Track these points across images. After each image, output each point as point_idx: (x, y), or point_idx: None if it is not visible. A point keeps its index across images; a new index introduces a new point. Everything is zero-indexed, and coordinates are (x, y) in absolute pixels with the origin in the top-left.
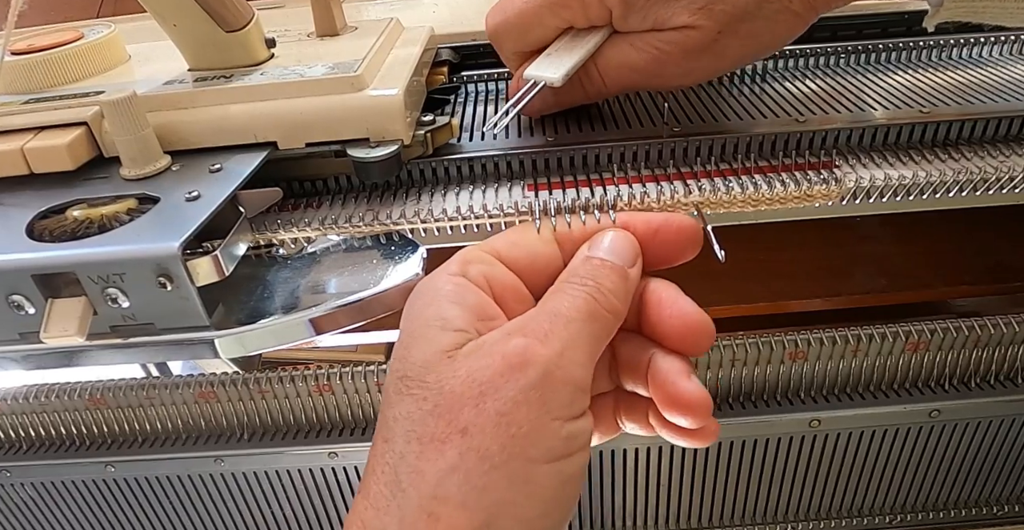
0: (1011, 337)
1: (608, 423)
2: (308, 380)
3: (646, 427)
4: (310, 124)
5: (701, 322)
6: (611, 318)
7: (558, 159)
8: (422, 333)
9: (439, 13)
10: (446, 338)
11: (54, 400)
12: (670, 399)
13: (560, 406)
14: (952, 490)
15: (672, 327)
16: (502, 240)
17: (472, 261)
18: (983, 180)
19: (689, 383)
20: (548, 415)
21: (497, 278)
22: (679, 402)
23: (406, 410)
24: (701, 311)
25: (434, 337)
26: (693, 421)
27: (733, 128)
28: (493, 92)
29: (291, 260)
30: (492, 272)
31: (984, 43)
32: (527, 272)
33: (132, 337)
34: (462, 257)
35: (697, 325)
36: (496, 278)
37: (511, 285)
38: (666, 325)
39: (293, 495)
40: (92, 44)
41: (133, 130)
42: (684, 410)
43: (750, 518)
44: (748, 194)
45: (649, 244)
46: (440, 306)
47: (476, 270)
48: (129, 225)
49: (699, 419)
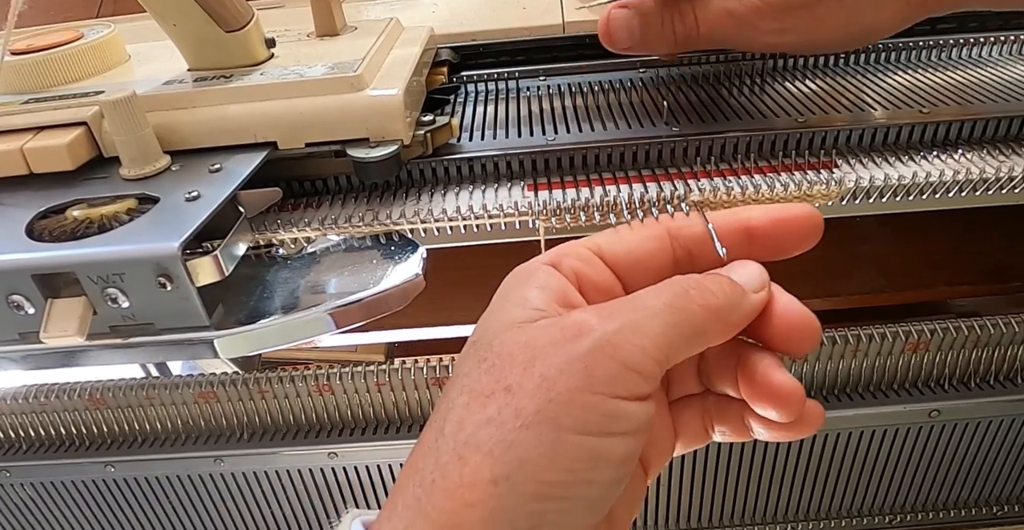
0: (1011, 337)
1: (696, 430)
2: (308, 380)
3: (738, 430)
4: (310, 124)
5: (807, 319)
6: (701, 313)
7: (558, 159)
8: (501, 306)
9: (439, 13)
10: (523, 313)
11: (54, 400)
12: (761, 392)
13: (603, 382)
14: (952, 490)
15: (777, 326)
16: (607, 234)
17: (567, 254)
18: (983, 180)
19: (779, 374)
20: (588, 388)
21: (587, 276)
22: (770, 394)
23: (467, 368)
24: (805, 308)
25: (511, 311)
26: (785, 413)
27: (733, 128)
28: (493, 92)
29: (291, 260)
30: (584, 269)
31: (984, 43)
32: (629, 267)
33: (132, 337)
34: (559, 249)
35: (803, 323)
36: (586, 276)
37: (603, 285)
38: (770, 325)
39: (293, 495)
40: (92, 44)
41: (133, 130)
42: (776, 401)
43: (750, 518)
44: (748, 194)
45: (768, 235)
46: (525, 288)
47: (568, 264)
48: (129, 225)
49: (791, 410)
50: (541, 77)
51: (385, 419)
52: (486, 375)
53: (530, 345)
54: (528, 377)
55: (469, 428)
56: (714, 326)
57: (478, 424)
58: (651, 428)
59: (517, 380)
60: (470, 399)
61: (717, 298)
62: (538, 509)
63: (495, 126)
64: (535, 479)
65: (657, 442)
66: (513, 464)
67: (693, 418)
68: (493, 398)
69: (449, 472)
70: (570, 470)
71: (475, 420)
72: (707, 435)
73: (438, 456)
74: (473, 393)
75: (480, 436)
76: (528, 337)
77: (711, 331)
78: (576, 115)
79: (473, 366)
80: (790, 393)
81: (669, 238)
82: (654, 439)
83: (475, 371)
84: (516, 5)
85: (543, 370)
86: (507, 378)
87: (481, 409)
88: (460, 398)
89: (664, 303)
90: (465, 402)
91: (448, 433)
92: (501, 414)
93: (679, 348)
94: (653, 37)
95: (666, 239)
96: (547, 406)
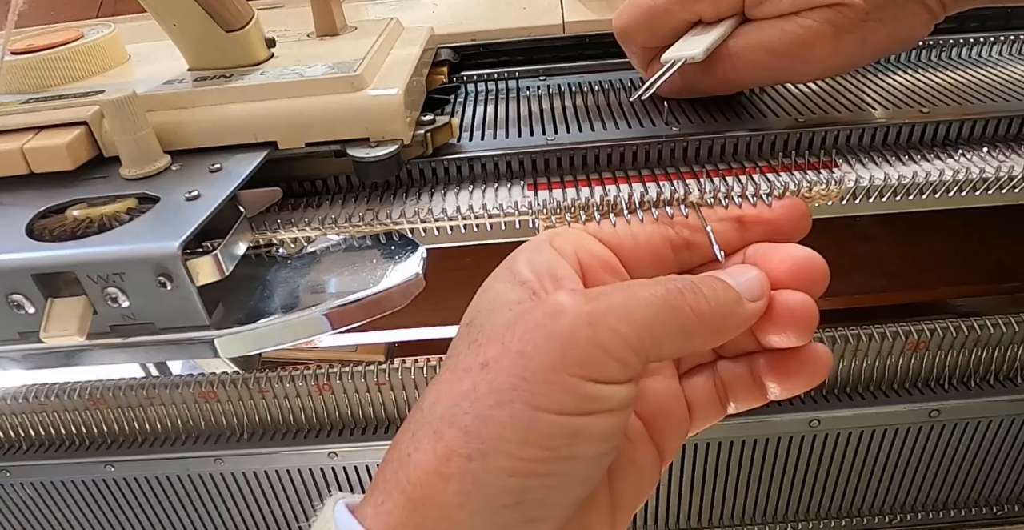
0: (1011, 337)
1: (710, 402)
2: (308, 380)
3: (751, 394)
4: (310, 124)
5: (813, 260)
6: (690, 315)
7: (558, 159)
8: (491, 285)
9: (439, 13)
10: (510, 291)
11: (54, 400)
12: (775, 314)
13: (579, 364)
14: (952, 490)
15: (783, 271)
16: (606, 221)
17: (561, 232)
18: (983, 180)
19: (789, 293)
20: (564, 369)
21: (587, 248)
22: (785, 312)
23: (458, 349)
24: (812, 251)
25: (500, 290)
26: (800, 331)
27: (733, 128)
28: (493, 92)
29: (291, 260)
30: (582, 243)
31: (984, 43)
32: (627, 251)
33: (132, 337)
34: (555, 229)
35: (809, 264)
36: (586, 248)
37: (601, 257)
38: (776, 271)
39: (293, 495)
40: (92, 44)
41: (133, 130)
42: (791, 318)
43: (750, 518)
44: (748, 194)
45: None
46: (514, 260)
47: (563, 239)
48: (129, 225)
49: (806, 326)
50: (541, 77)
51: (385, 419)
52: (468, 351)
53: (512, 322)
54: (505, 353)
55: (445, 402)
56: (702, 331)
57: (454, 398)
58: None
59: (494, 356)
60: (450, 374)
61: (708, 304)
62: (517, 485)
63: (495, 126)
64: (509, 455)
65: (671, 420)
66: (488, 441)
67: (706, 390)
68: (470, 373)
69: (424, 446)
70: (548, 447)
71: (451, 394)
72: (722, 407)
73: (415, 430)
74: (454, 369)
75: (455, 411)
76: (512, 315)
77: (698, 335)
78: (576, 115)
79: (463, 347)
80: (802, 305)
81: (665, 225)
82: (667, 418)
83: (459, 347)
84: (516, 5)
85: (520, 346)
86: (485, 354)
87: (458, 383)
88: (443, 375)
89: (654, 296)
90: (446, 378)
91: (426, 408)
92: (477, 389)
93: (664, 344)
94: (697, 86)
95: (663, 225)
96: (521, 384)
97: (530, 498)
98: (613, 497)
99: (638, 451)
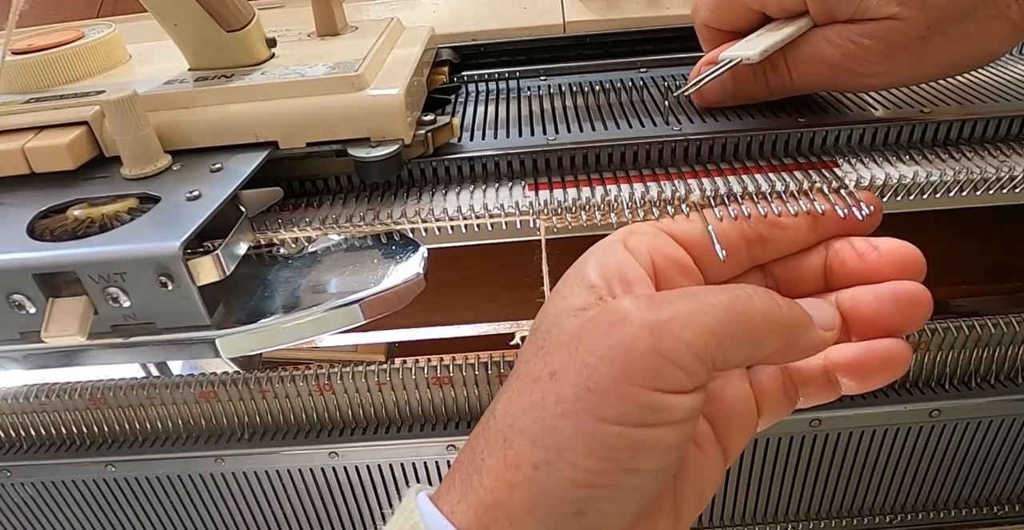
0: (1011, 337)
1: (778, 399)
2: (308, 380)
3: (822, 387)
4: (310, 124)
5: (912, 255)
6: (760, 320)
7: (558, 159)
8: (560, 289)
9: (439, 13)
10: (578, 296)
11: (54, 400)
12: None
13: (642, 374)
14: (952, 490)
15: (882, 266)
16: (681, 217)
17: (636, 231)
18: (983, 180)
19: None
20: (627, 379)
21: (660, 248)
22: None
23: (527, 355)
24: (908, 244)
25: (568, 293)
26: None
27: (733, 128)
28: (493, 92)
29: (292, 260)
30: (655, 243)
31: None
32: (700, 248)
33: (133, 336)
34: (629, 227)
35: (909, 258)
36: (659, 248)
37: (675, 257)
38: (872, 266)
39: (293, 495)
40: (92, 44)
41: (134, 129)
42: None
43: (750, 518)
44: (748, 194)
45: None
46: (584, 262)
47: (636, 239)
48: (130, 224)
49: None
50: (542, 77)
51: (385, 419)
52: (536, 360)
53: (578, 330)
54: (571, 363)
55: (515, 411)
56: (772, 338)
57: (523, 407)
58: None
59: (561, 366)
60: (520, 383)
61: (781, 310)
62: (580, 496)
63: (496, 126)
64: (574, 466)
65: (739, 421)
66: (553, 450)
67: (774, 385)
68: (539, 383)
69: (496, 452)
70: (610, 459)
71: (521, 403)
72: (790, 403)
73: (488, 436)
74: (524, 377)
75: (524, 420)
76: (579, 322)
77: (768, 341)
78: (577, 115)
79: (532, 353)
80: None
81: (742, 219)
82: (736, 418)
83: (532, 358)
84: (516, 5)
85: (584, 357)
86: (552, 363)
87: (528, 393)
88: (514, 383)
89: (720, 301)
90: (516, 386)
91: (498, 415)
92: (544, 399)
93: (730, 351)
94: (746, 91)
95: (739, 220)
96: (586, 395)
97: (592, 509)
98: (677, 500)
99: (704, 454)
